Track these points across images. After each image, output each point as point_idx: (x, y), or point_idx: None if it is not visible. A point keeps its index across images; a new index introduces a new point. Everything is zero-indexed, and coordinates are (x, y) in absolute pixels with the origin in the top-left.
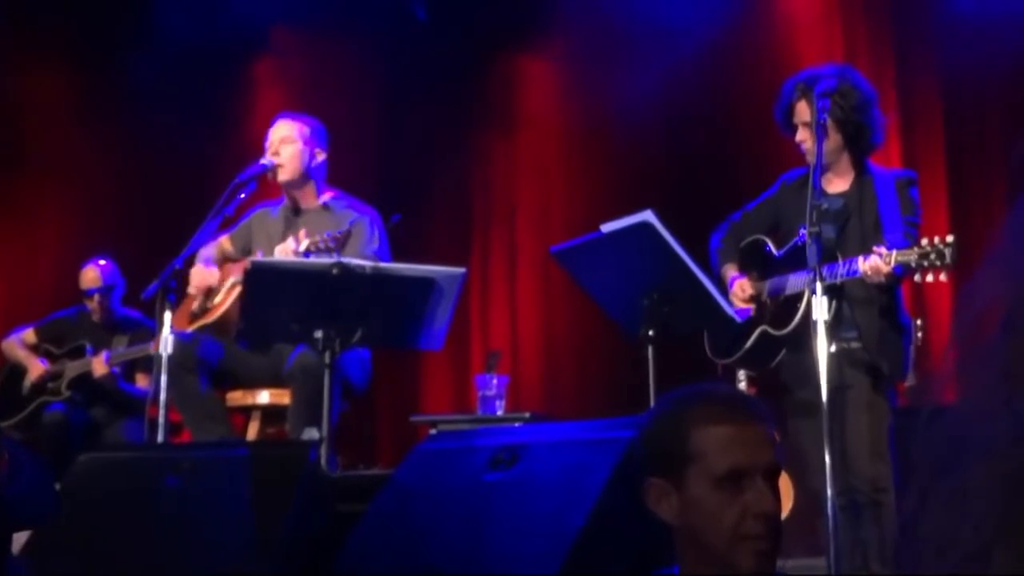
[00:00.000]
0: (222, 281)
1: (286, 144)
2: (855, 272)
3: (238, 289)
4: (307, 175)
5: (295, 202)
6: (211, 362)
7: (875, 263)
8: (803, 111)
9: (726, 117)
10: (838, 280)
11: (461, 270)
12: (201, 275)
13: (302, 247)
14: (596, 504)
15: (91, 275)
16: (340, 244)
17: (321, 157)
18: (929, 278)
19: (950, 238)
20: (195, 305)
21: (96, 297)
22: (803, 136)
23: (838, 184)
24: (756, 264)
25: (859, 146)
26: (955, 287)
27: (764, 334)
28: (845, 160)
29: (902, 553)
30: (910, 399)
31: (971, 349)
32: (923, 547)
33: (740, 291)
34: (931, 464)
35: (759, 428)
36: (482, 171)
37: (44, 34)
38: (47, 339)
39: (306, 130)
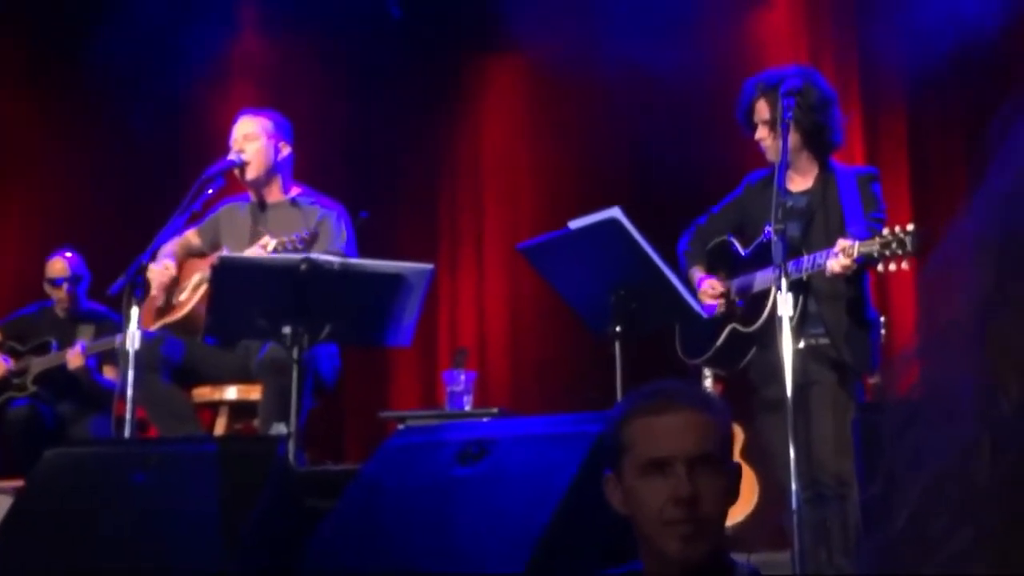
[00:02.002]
0: (188, 277)
1: (250, 141)
2: (820, 265)
3: (204, 287)
4: (273, 170)
5: (261, 198)
6: (174, 360)
7: (840, 261)
8: (762, 109)
9: (693, 117)
10: (803, 275)
11: (429, 266)
12: (157, 275)
13: (269, 249)
14: (563, 499)
15: (58, 266)
16: (308, 245)
17: (286, 151)
18: (892, 267)
19: (910, 226)
20: (160, 301)
21: (64, 287)
22: (762, 134)
23: (801, 182)
24: (724, 264)
25: (818, 145)
26: (917, 279)
27: (734, 332)
28: (805, 158)
29: (862, 550)
30: (874, 394)
31: (938, 335)
32: (892, 547)
33: (710, 288)
34: (894, 465)
35: (685, 417)
36: (450, 168)
37: (3, 23)
38: (11, 336)
39: (269, 125)
